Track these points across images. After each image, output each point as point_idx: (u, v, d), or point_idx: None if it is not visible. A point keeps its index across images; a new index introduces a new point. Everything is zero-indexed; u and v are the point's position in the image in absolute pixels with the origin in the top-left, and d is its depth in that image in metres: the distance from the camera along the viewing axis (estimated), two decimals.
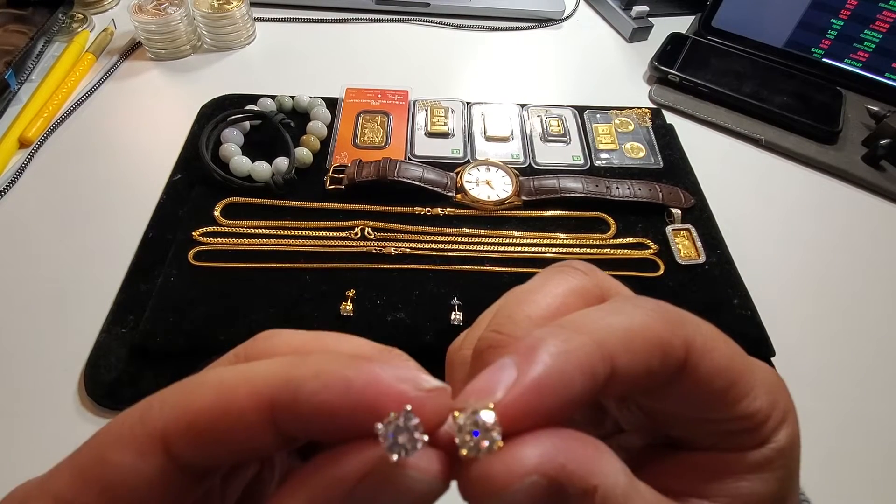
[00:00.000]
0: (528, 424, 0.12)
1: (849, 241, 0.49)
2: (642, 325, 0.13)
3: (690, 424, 0.15)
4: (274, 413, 0.12)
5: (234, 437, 0.12)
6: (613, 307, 0.14)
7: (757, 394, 0.14)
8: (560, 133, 0.54)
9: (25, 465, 0.32)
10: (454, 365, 0.17)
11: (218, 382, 0.13)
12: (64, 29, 0.62)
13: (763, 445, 0.15)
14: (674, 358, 0.13)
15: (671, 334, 0.14)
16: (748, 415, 0.14)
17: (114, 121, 0.54)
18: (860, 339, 0.42)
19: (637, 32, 0.69)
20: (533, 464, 0.12)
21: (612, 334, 0.13)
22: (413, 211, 0.46)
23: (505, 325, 0.15)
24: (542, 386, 0.12)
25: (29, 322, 0.39)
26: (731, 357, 0.14)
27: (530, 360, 0.12)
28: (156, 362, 0.36)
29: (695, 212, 0.48)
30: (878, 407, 0.39)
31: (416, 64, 0.64)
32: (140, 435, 0.12)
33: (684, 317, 0.14)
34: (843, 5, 0.62)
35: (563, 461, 0.12)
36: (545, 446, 0.12)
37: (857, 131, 0.58)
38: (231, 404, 0.12)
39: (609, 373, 0.13)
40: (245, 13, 0.62)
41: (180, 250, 0.42)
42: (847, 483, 0.35)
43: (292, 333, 0.15)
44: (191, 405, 0.12)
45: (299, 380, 0.12)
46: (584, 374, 0.12)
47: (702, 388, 0.14)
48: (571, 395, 0.12)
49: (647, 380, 0.13)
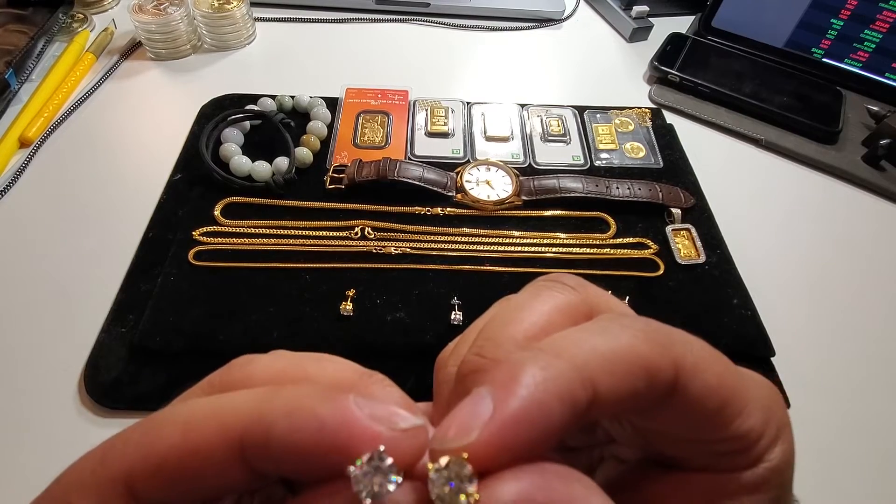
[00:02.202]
0: (506, 459, 0.12)
1: (849, 241, 0.49)
2: (627, 347, 0.13)
3: (683, 444, 0.15)
4: (244, 451, 0.12)
5: (202, 475, 0.12)
6: (598, 327, 0.14)
7: (750, 411, 0.14)
8: (560, 133, 0.54)
9: (26, 466, 0.32)
10: (440, 383, 0.17)
11: (185, 420, 0.12)
12: (64, 29, 0.62)
13: (757, 465, 0.14)
14: (661, 380, 0.13)
15: (659, 356, 0.13)
16: (741, 434, 0.14)
17: (114, 121, 0.54)
18: (860, 339, 0.42)
19: (637, 32, 0.69)
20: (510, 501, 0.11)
21: (593, 357, 0.13)
22: (413, 211, 0.46)
23: (487, 347, 0.14)
24: (519, 420, 0.12)
25: (29, 322, 0.39)
26: (723, 375, 0.14)
27: (507, 392, 0.12)
28: (156, 362, 0.36)
29: (695, 212, 0.48)
30: (878, 407, 0.39)
31: (416, 64, 0.64)
32: (101, 478, 0.12)
33: (673, 336, 0.14)
34: (843, 5, 0.62)
35: (542, 501, 0.11)
36: (522, 484, 0.11)
37: (857, 131, 0.58)
38: (198, 443, 0.12)
39: (591, 398, 0.12)
40: (245, 13, 0.62)
41: (180, 250, 0.42)
42: (845, 483, 0.35)
43: (270, 359, 0.15)
44: (155, 444, 0.12)
45: (270, 418, 0.12)
46: (563, 403, 0.12)
47: (693, 408, 0.14)
48: (550, 425, 0.12)
49: (633, 402, 0.13)
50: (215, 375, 0.14)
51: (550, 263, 0.44)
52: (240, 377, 0.14)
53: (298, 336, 0.38)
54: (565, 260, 0.44)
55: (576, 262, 0.44)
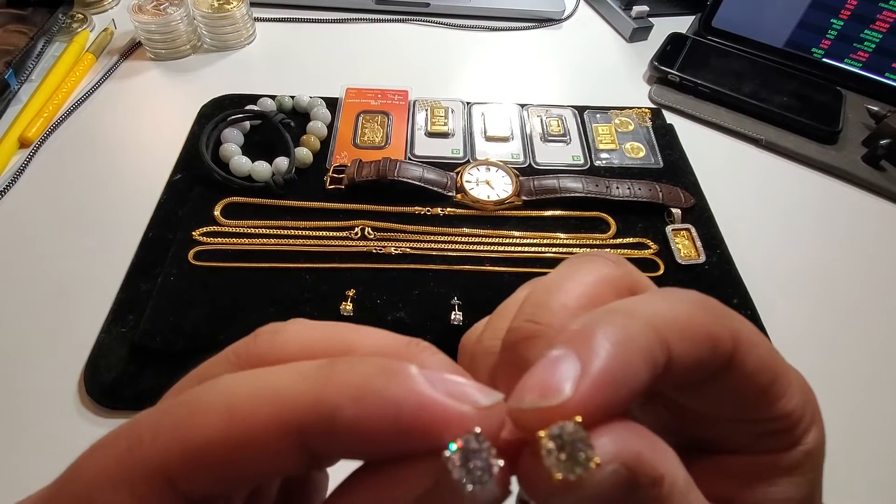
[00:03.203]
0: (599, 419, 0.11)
1: (849, 241, 0.49)
2: (693, 315, 0.13)
3: (725, 425, 0.15)
4: (303, 438, 0.11)
5: (254, 464, 0.11)
6: (661, 296, 0.13)
7: (793, 392, 0.14)
8: (560, 133, 0.54)
9: (26, 466, 0.32)
10: (476, 357, 0.16)
11: (227, 404, 0.11)
12: (64, 29, 0.62)
13: (794, 447, 0.14)
14: (723, 350, 0.13)
15: (720, 326, 0.13)
16: (785, 414, 0.14)
17: (114, 121, 0.54)
18: (860, 339, 0.42)
19: (637, 32, 0.69)
20: (612, 453, 0.11)
21: (665, 322, 0.12)
22: (413, 211, 0.46)
23: (540, 314, 0.13)
24: (610, 377, 0.11)
25: (29, 322, 0.39)
26: (772, 353, 0.14)
27: (591, 350, 0.11)
28: (156, 362, 0.36)
29: (695, 212, 0.48)
30: (879, 407, 0.38)
31: (416, 64, 0.63)
32: (134, 473, 0.10)
33: (729, 311, 0.14)
34: (843, 5, 0.62)
35: (638, 449, 0.11)
36: (621, 435, 0.11)
37: (857, 131, 0.58)
38: (247, 431, 0.10)
39: (667, 360, 0.12)
40: (245, 13, 0.62)
41: (180, 250, 0.42)
42: (848, 483, 0.35)
43: (301, 328, 0.13)
44: (195, 434, 0.11)
45: (334, 403, 0.10)
46: (646, 362, 0.12)
47: (746, 382, 0.13)
48: (637, 383, 0.11)
49: (698, 371, 0.13)
50: (240, 346, 0.13)
51: (550, 263, 0.44)
52: (269, 349, 0.13)
53: None
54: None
55: None
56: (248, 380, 0.11)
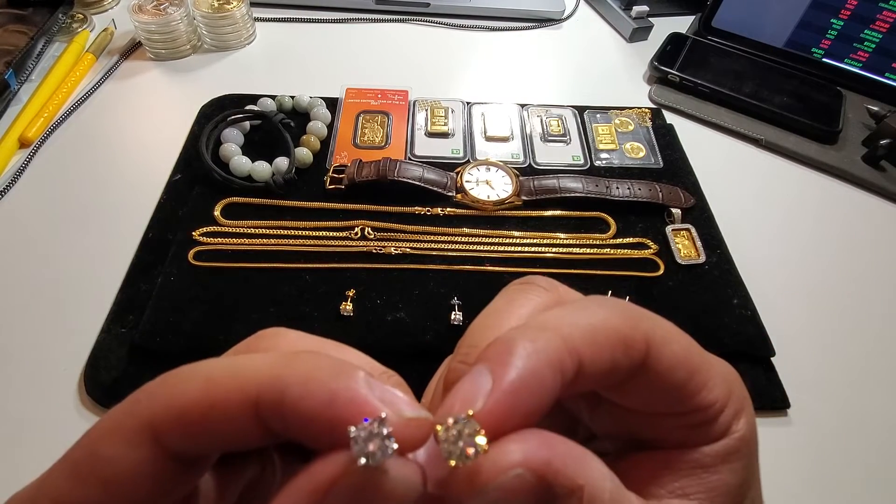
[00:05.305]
0: (509, 427, 0.12)
1: (849, 241, 0.49)
2: (605, 321, 0.14)
3: (656, 422, 0.16)
4: (259, 409, 0.12)
5: (220, 428, 0.13)
6: (576, 306, 0.15)
7: (714, 384, 0.15)
8: (560, 133, 0.54)
9: (26, 466, 0.32)
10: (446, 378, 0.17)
11: (206, 375, 0.13)
12: (64, 29, 0.62)
13: (725, 436, 0.15)
14: (636, 350, 0.14)
15: (632, 329, 0.14)
16: (707, 405, 0.15)
17: (114, 121, 0.54)
18: (860, 338, 0.42)
19: (637, 32, 0.69)
20: (518, 458, 0.12)
21: (576, 330, 0.14)
22: (413, 211, 0.46)
23: (472, 354, 0.15)
24: (517, 388, 0.12)
25: (29, 322, 0.39)
26: (688, 349, 0.15)
27: (503, 365, 0.13)
28: (156, 362, 0.36)
29: (695, 212, 0.48)
30: (878, 406, 0.38)
31: (416, 64, 0.64)
32: (129, 426, 0.13)
33: (643, 313, 0.15)
34: (843, 5, 0.62)
35: (547, 457, 0.12)
36: (529, 443, 0.12)
37: (857, 131, 0.58)
38: (217, 398, 0.13)
39: (577, 367, 0.13)
40: (245, 13, 0.62)
41: (180, 250, 0.42)
42: (846, 483, 0.35)
43: (297, 337, 0.15)
44: (178, 396, 0.13)
45: (286, 381, 0.12)
46: (555, 371, 0.13)
47: (663, 378, 0.15)
48: (544, 392, 0.13)
49: (612, 374, 0.14)
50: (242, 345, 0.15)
51: (550, 263, 0.44)
52: (266, 349, 0.15)
53: None
54: (565, 260, 0.44)
55: (576, 262, 0.44)
56: (227, 360, 0.14)
